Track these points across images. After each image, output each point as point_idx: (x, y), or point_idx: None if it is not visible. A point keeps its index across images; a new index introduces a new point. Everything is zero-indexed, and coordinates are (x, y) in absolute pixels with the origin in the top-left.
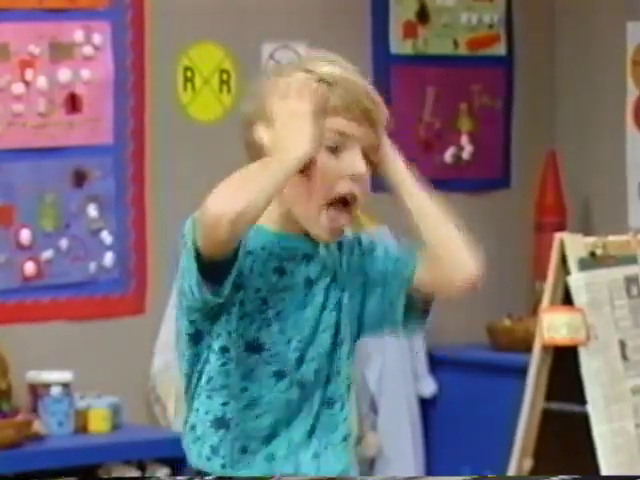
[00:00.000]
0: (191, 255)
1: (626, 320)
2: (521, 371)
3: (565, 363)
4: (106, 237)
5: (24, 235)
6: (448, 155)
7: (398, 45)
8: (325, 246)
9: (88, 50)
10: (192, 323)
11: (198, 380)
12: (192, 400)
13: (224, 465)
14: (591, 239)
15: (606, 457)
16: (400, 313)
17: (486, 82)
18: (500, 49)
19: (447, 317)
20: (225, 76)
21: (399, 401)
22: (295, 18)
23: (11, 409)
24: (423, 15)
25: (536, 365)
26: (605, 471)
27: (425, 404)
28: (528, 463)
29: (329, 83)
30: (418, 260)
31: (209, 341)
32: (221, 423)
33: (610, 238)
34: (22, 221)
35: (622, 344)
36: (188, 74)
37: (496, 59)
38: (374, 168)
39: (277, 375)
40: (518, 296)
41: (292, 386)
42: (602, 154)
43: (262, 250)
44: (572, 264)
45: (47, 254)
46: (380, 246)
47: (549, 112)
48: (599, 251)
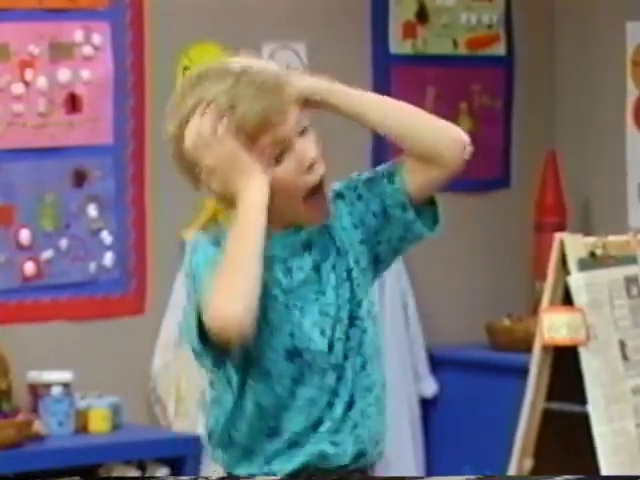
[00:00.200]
0: (194, 338)
1: (626, 320)
2: (521, 371)
3: (565, 363)
4: (106, 237)
5: (24, 235)
6: None
7: (398, 45)
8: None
9: (88, 50)
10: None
11: (237, 407)
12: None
13: (268, 461)
14: (591, 239)
15: (606, 457)
16: (416, 221)
17: (486, 82)
18: (500, 49)
19: (447, 317)
20: None
21: (399, 401)
22: (295, 18)
23: (11, 409)
24: (422, 15)
25: (536, 365)
26: (605, 471)
27: (425, 404)
28: (528, 463)
29: (229, 108)
30: (403, 171)
31: (238, 368)
32: (273, 432)
33: (610, 238)
34: (22, 221)
35: (622, 344)
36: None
37: (496, 59)
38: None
39: (322, 372)
40: (518, 296)
41: (330, 372)
42: (602, 154)
43: (265, 258)
44: (572, 264)
45: (47, 254)
46: (361, 185)
47: (549, 112)
48: (599, 251)
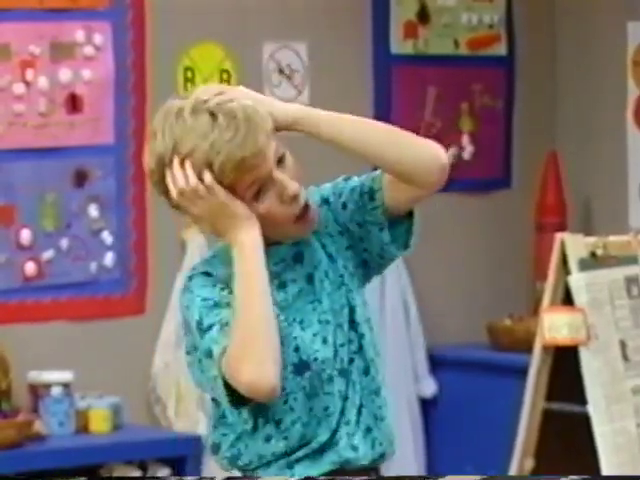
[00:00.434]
0: (220, 390)
1: (626, 320)
2: (522, 371)
3: (566, 363)
4: (107, 237)
5: (25, 235)
6: (449, 155)
7: (399, 45)
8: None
9: (89, 50)
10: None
11: (248, 428)
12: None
13: (290, 466)
14: (592, 239)
15: (607, 457)
16: (390, 244)
17: (487, 82)
18: (501, 49)
19: (448, 317)
20: (225, 76)
21: (400, 401)
22: (296, 18)
23: (12, 409)
24: (424, 15)
25: (537, 365)
26: (606, 471)
27: (426, 404)
28: (529, 463)
29: (208, 159)
30: (383, 188)
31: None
32: (298, 446)
33: (611, 238)
34: (23, 221)
35: (622, 344)
36: (189, 74)
37: (497, 59)
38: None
39: (330, 379)
40: (519, 296)
41: (338, 378)
42: (603, 154)
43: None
44: (573, 264)
45: (48, 254)
46: (346, 193)
47: (550, 112)
48: (600, 251)
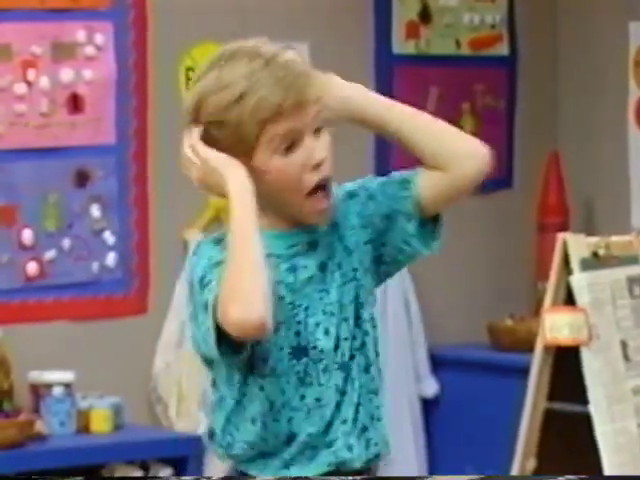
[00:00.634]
0: (211, 340)
1: (628, 320)
2: (523, 371)
3: (567, 363)
4: (109, 237)
5: (27, 235)
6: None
7: (400, 45)
8: (329, 225)
9: (90, 50)
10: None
11: (239, 407)
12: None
13: (286, 466)
14: (594, 239)
15: (609, 457)
16: (415, 237)
17: (489, 82)
18: (503, 49)
19: (449, 317)
20: None
21: (401, 401)
22: (297, 18)
23: (13, 409)
24: (425, 15)
25: (538, 365)
26: (608, 471)
27: (427, 404)
28: (531, 463)
29: (254, 90)
30: (418, 180)
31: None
32: (288, 436)
33: (613, 238)
34: (25, 221)
35: (624, 344)
36: (190, 74)
37: (499, 59)
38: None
39: (328, 371)
40: (520, 296)
41: (336, 371)
42: (605, 154)
43: (269, 257)
44: (575, 264)
45: (50, 254)
46: (374, 186)
47: (552, 112)
48: (602, 251)
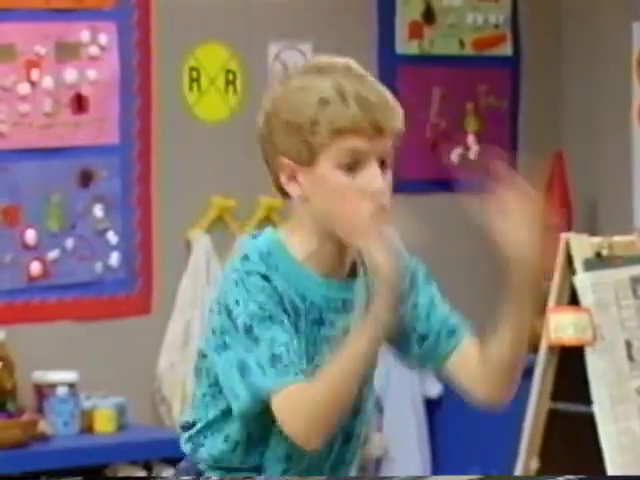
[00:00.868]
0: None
1: (632, 320)
2: (527, 371)
3: (571, 363)
4: (112, 237)
5: (30, 235)
6: (454, 155)
7: (404, 45)
8: (365, 286)
9: (94, 50)
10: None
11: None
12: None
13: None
14: (597, 239)
15: (612, 457)
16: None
17: (492, 82)
18: (506, 49)
19: None
20: (231, 76)
21: (404, 402)
22: (301, 18)
23: (17, 409)
24: (429, 15)
25: (542, 365)
26: (611, 471)
27: (431, 405)
28: (535, 463)
29: (339, 100)
30: (461, 345)
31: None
32: (256, 467)
33: (616, 238)
34: (28, 221)
35: (628, 344)
36: (194, 74)
37: (502, 59)
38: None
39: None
40: None
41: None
42: (608, 155)
43: (304, 301)
44: (578, 264)
45: (53, 254)
46: (423, 297)
47: (555, 112)
48: (605, 251)
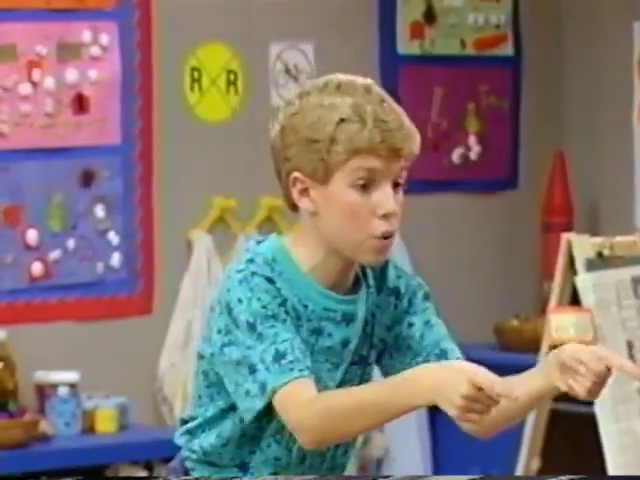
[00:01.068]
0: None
1: (633, 321)
2: None
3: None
4: (113, 237)
5: (31, 235)
6: (456, 155)
7: (405, 45)
8: (365, 300)
9: (95, 50)
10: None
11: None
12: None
13: None
14: (598, 239)
15: (613, 457)
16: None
17: (493, 82)
18: (507, 49)
19: (455, 317)
20: (232, 77)
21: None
22: (302, 19)
23: (18, 409)
24: (430, 15)
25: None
26: (612, 471)
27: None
28: (536, 463)
29: (358, 120)
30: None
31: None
32: (242, 464)
33: (617, 239)
34: (29, 221)
35: (629, 344)
36: (195, 75)
37: (503, 59)
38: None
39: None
40: (526, 296)
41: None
42: (609, 155)
43: (304, 308)
44: (579, 264)
45: (54, 254)
46: (419, 318)
47: (556, 112)
48: (606, 252)
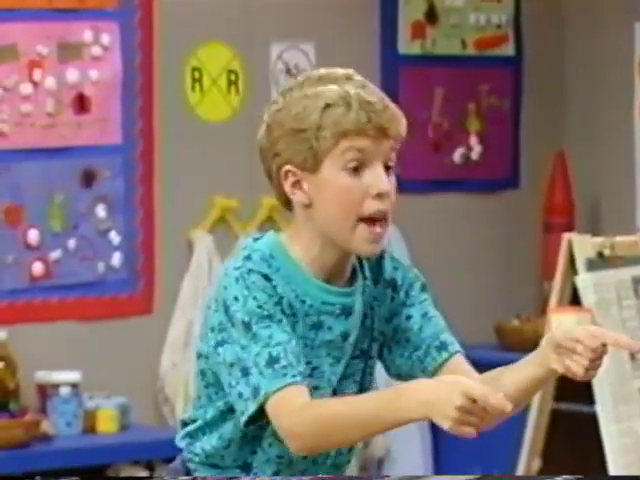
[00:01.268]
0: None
1: (633, 320)
2: None
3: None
4: (114, 237)
5: (32, 235)
6: (457, 155)
7: (406, 46)
8: (362, 292)
9: (96, 50)
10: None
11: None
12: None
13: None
14: (599, 239)
15: (614, 457)
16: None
17: (494, 82)
18: (508, 49)
19: (456, 317)
20: (233, 77)
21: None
22: (304, 19)
23: (19, 409)
24: (431, 15)
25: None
26: (613, 471)
27: None
28: (537, 463)
29: (343, 104)
30: (450, 360)
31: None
32: (244, 464)
33: (618, 238)
34: (30, 221)
35: None
36: (196, 75)
37: (504, 59)
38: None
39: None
40: (527, 296)
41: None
42: (610, 154)
43: (302, 304)
44: (580, 264)
45: (55, 254)
46: (417, 310)
47: (558, 112)
48: (607, 251)
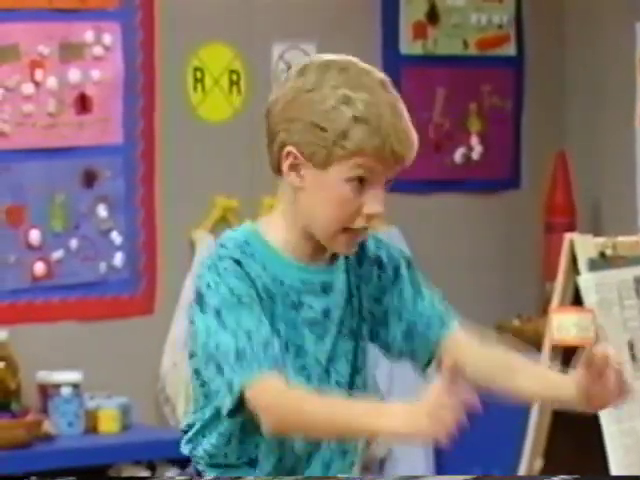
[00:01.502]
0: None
1: (635, 321)
2: None
3: (574, 364)
4: (116, 237)
5: (34, 235)
6: (458, 155)
7: (408, 46)
8: (344, 270)
9: (98, 50)
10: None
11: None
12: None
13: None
14: (601, 239)
15: (616, 457)
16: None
17: (496, 82)
18: (510, 49)
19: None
20: (235, 77)
21: (409, 401)
22: (305, 19)
23: (21, 409)
24: (433, 15)
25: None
26: (615, 471)
27: None
28: (539, 463)
29: (374, 124)
30: (452, 334)
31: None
32: (251, 460)
33: (620, 238)
34: (32, 221)
35: (631, 345)
36: (198, 75)
37: (506, 59)
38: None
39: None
40: (528, 296)
41: None
42: (612, 154)
43: (281, 285)
44: (582, 264)
45: (57, 254)
46: (408, 285)
47: (559, 112)
48: (609, 251)
